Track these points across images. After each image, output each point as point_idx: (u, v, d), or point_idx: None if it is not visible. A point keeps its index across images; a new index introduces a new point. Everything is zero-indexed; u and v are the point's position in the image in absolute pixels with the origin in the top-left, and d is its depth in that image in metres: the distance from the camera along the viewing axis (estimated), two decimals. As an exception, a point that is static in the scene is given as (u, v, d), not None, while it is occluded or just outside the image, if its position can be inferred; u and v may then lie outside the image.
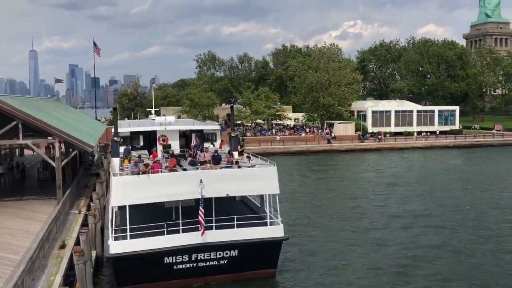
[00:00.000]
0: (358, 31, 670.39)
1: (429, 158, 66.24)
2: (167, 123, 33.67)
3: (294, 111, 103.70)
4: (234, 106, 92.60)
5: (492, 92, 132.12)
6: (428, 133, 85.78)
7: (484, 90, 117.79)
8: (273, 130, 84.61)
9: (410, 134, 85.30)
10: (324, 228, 29.51)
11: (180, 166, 24.21)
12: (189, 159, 25.33)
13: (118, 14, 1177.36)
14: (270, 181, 21.32)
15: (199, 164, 21.74)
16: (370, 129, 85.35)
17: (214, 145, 32.45)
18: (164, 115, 40.77)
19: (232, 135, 28.76)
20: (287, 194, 37.86)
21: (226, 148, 31.65)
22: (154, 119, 37.26)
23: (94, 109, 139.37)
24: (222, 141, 33.82)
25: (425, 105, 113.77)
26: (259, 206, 23.65)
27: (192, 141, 31.72)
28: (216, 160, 22.61)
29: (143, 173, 19.90)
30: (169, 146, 31.61)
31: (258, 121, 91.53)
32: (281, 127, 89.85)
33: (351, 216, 32.59)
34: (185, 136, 33.50)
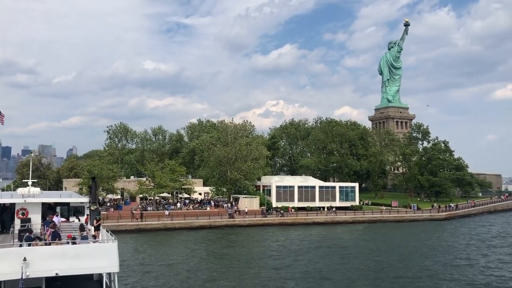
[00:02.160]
0: (280, 110, 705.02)
1: (323, 234, 67.45)
2: (29, 195, 31.41)
3: (205, 184, 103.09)
4: (140, 179, 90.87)
5: (396, 170, 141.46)
6: (334, 208, 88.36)
7: (384, 168, 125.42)
8: (178, 204, 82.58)
9: (312, 209, 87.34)
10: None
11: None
12: (26, 235, 23.28)
13: (38, 83, 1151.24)
14: (109, 259, 19.94)
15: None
16: (275, 203, 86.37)
17: (79, 219, 30.56)
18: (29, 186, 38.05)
19: (92, 208, 27.21)
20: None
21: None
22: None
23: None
24: (88, 215, 31.95)
25: (333, 181, 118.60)
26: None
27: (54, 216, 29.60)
28: (53, 236, 20.93)
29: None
30: (28, 220, 29.22)
31: (165, 194, 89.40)
32: (187, 201, 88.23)
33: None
34: (50, 210, 31.28)
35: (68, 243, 20.49)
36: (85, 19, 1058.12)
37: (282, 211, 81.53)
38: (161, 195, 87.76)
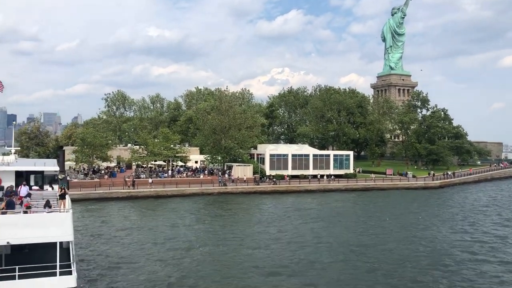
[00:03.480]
0: (285, 77, 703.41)
1: (314, 201, 67.79)
2: (3, 163, 31.53)
3: (201, 153, 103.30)
4: (134, 146, 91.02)
5: (395, 138, 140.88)
6: (333, 176, 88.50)
7: (383, 136, 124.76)
8: (169, 171, 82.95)
9: (306, 177, 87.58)
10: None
11: None
12: None
13: (42, 51, 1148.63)
14: (63, 228, 20.12)
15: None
16: (268, 172, 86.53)
17: (53, 188, 30.72)
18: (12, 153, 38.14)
19: (59, 177, 27.32)
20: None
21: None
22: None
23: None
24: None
25: (332, 149, 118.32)
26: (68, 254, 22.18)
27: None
28: (8, 205, 21.00)
29: None
30: (1, 188, 29.43)
31: (160, 162, 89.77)
32: (182, 168, 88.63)
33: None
34: (23, 178, 31.39)
35: (20, 212, 20.63)
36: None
37: (274, 179, 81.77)
38: (157, 163, 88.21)
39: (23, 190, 28.67)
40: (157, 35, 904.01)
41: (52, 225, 20.08)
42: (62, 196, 26.24)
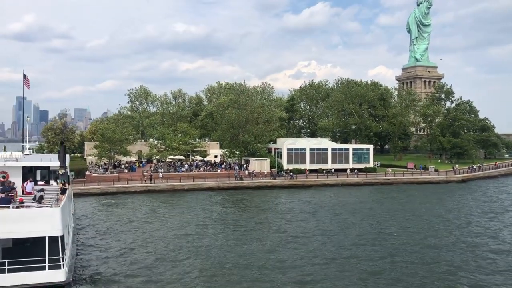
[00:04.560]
0: (312, 71, 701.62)
1: (330, 196, 67.14)
2: (10, 158, 32.45)
3: (221, 147, 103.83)
4: (153, 141, 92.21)
5: (420, 131, 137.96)
6: (356, 170, 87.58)
7: (405, 130, 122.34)
8: (186, 166, 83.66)
9: (329, 171, 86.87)
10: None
11: None
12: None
13: (73, 48, 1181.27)
14: (51, 223, 20.57)
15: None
16: (286, 166, 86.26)
17: (58, 183, 31.43)
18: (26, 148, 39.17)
19: (60, 172, 27.93)
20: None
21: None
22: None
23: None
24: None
25: (355, 143, 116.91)
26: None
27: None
28: (2, 201, 21.61)
29: None
30: (8, 183, 30.32)
31: (179, 157, 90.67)
32: (200, 163, 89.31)
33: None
34: (31, 173, 32.25)
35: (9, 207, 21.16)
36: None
37: (291, 173, 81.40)
38: (177, 157, 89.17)
39: (29, 186, 29.51)
40: (183, 30, 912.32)
41: (41, 220, 20.55)
42: (63, 191, 26.96)
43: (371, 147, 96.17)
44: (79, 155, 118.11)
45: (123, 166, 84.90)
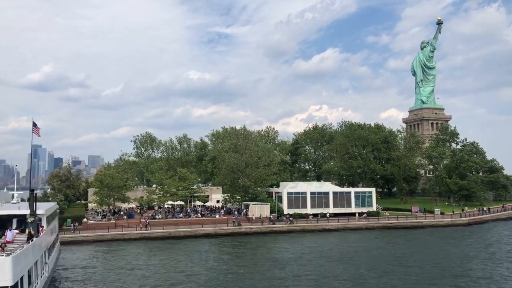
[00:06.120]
0: (323, 114, 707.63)
1: (328, 241, 65.34)
2: (-16, 207, 32.39)
3: (223, 192, 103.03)
4: (149, 188, 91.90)
5: (427, 174, 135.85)
6: (365, 214, 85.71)
7: (410, 172, 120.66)
8: (182, 212, 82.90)
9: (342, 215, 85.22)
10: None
11: None
12: None
13: (89, 96, 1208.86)
14: (1, 272, 20.06)
15: None
16: (286, 210, 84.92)
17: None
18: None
19: (29, 220, 27.64)
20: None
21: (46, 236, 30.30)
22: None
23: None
24: (42, 227, 32.45)
25: (362, 186, 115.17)
26: None
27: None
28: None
29: None
30: (-17, 231, 30.08)
31: (179, 202, 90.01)
32: (200, 208, 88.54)
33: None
34: (7, 222, 32.04)
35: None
36: (129, 33, 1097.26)
37: (291, 218, 79.90)
38: (177, 203, 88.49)
39: (9, 234, 29.04)
40: (197, 77, 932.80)
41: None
42: (28, 239, 26.54)
43: (373, 190, 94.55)
44: (83, 202, 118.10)
45: (122, 212, 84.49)
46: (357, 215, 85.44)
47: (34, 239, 26.92)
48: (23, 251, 22.91)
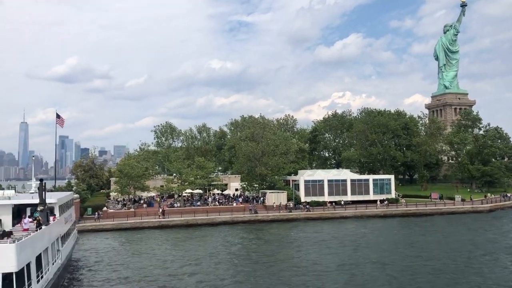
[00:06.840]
0: (346, 101, 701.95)
1: (345, 229, 65.20)
2: (2, 197, 33.50)
3: (241, 180, 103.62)
4: (169, 177, 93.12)
5: (450, 160, 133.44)
6: (386, 201, 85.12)
7: (431, 159, 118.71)
8: (200, 200, 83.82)
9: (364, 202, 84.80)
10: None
11: None
12: None
13: (113, 87, 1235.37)
14: (5, 259, 20.84)
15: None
16: (303, 198, 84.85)
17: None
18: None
19: (38, 209, 28.55)
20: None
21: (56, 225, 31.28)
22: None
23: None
24: (54, 215, 33.42)
25: (383, 173, 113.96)
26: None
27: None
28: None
29: None
30: (-1, 221, 31.24)
31: (198, 191, 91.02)
32: (217, 196, 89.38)
33: None
34: (22, 211, 33.12)
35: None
36: (152, 24, 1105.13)
37: (308, 206, 79.92)
38: (195, 191, 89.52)
39: (25, 222, 30.12)
40: (219, 66, 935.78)
41: (-4, 256, 20.85)
42: (37, 227, 27.47)
43: (392, 177, 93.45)
44: (106, 191, 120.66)
45: (142, 201, 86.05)
46: (378, 202, 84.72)
47: (43, 227, 27.81)
48: (29, 239, 23.71)
